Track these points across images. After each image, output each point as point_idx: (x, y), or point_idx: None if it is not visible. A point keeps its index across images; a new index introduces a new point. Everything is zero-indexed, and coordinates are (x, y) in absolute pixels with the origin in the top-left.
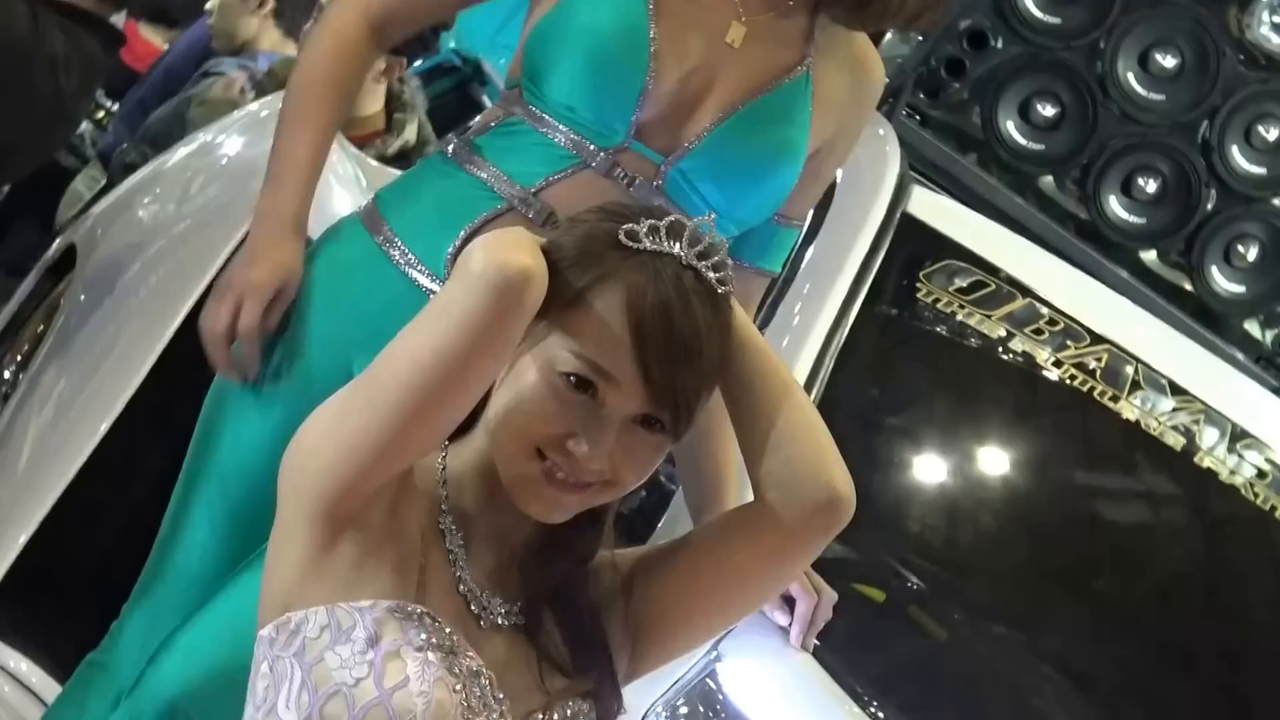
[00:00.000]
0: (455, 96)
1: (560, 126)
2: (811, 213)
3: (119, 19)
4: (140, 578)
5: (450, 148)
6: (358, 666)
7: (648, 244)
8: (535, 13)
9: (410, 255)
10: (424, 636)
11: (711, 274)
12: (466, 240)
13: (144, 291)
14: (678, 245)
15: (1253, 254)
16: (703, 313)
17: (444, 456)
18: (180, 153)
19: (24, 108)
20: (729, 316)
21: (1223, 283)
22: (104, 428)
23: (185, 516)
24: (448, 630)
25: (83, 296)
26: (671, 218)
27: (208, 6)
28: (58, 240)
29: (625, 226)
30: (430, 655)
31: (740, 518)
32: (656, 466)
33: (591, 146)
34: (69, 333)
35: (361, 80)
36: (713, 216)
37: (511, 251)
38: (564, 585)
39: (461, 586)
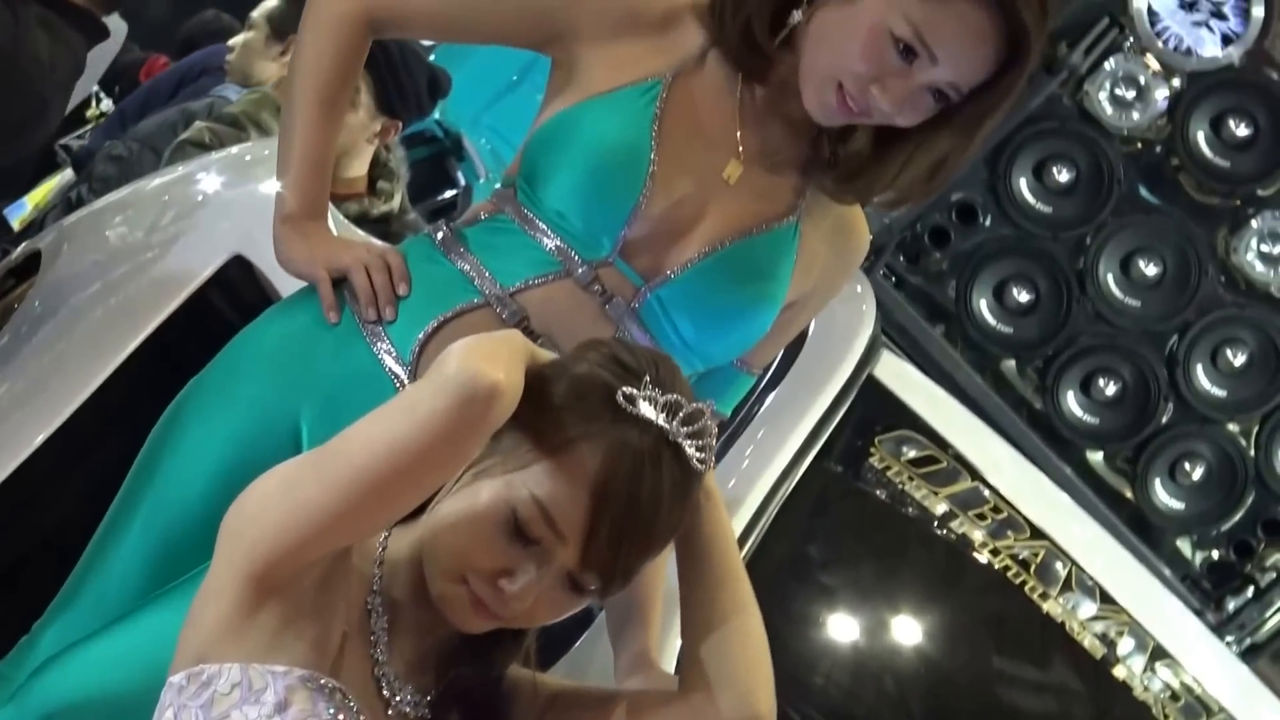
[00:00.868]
0: (429, 166)
1: (549, 232)
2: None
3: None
4: (59, 594)
5: (439, 235)
6: None
7: (642, 410)
8: (545, 111)
9: (380, 332)
10: (331, 711)
11: (695, 453)
12: (438, 328)
13: (100, 313)
14: (668, 420)
15: (1198, 474)
16: (668, 495)
17: (386, 538)
18: (157, 181)
19: (4, 110)
20: (695, 495)
21: (1163, 497)
22: (38, 441)
23: (113, 541)
24: (355, 709)
25: (39, 306)
26: (671, 396)
27: (230, 43)
28: (23, 245)
29: (625, 390)
30: None
31: (665, 704)
32: (571, 613)
33: (575, 256)
34: (20, 339)
35: (360, 67)
36: (712, 405)
37: (487, 363)
38: (475, 690)
39: (377, 670)
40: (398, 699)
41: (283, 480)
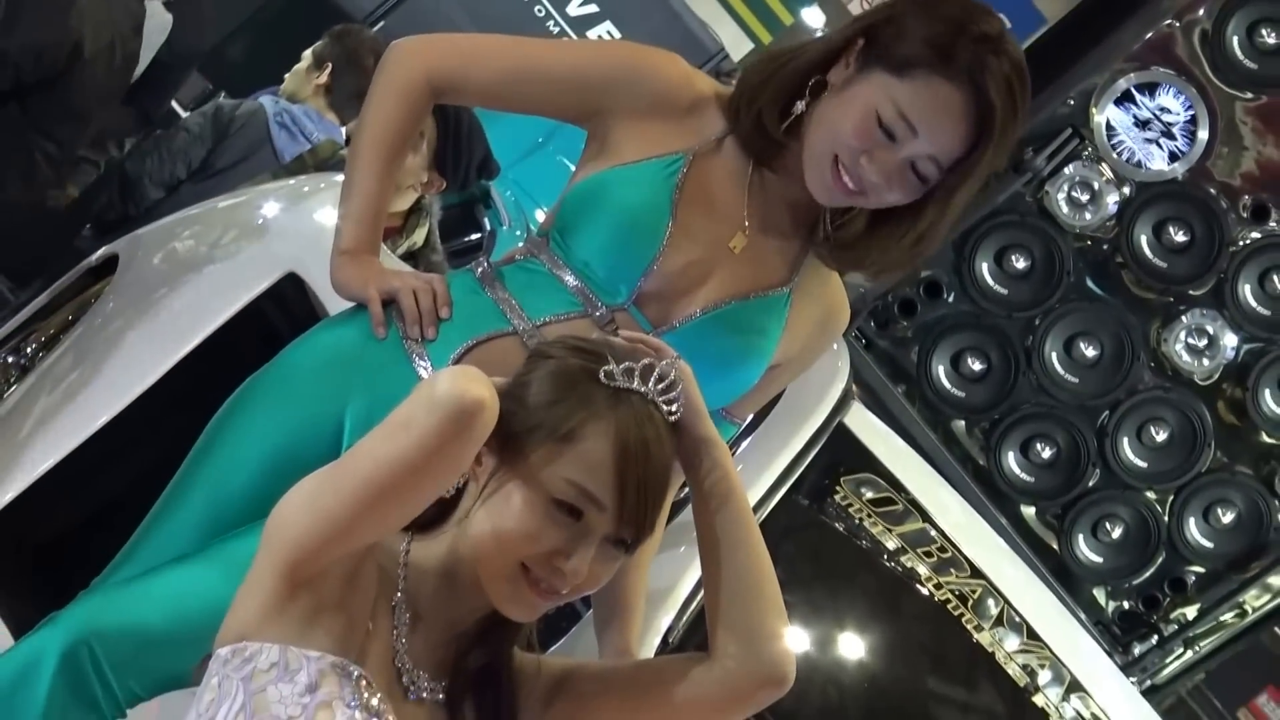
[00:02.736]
0: (459, 211)
1: (574, 277)
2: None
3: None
4: (116, 558)
5: (479, 270)
6: (293, 705)
7: (622, 382)
8: (579, 174)
9: (420, 348)
10: (356, 696)
11: (666, 407)
12: (470, 349)
13: (165, 315)
14: (643, 384)
15: (1117, 533)
16: (666, 444)
17: (408, 542)
18: (224, 203)
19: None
20: (675, 436)
21: (1085, 551)
22: (102, 421)
23: (168, 515)
24: (377, 695)
25: (112, 304)
26: (644, 361)
27: (287, 75)
28: (103, 248)
29: (605, 369)
30: (357, 714)
31: (691, 671)
32: (613, 575)
33: (596, 300)
34: (93, 330)
35: (420, 127)
36: (677, 357)
37: (472, 383)
38: (484, 676)
39: (398, 660)
40: (415, 685)
41: (311, 488)
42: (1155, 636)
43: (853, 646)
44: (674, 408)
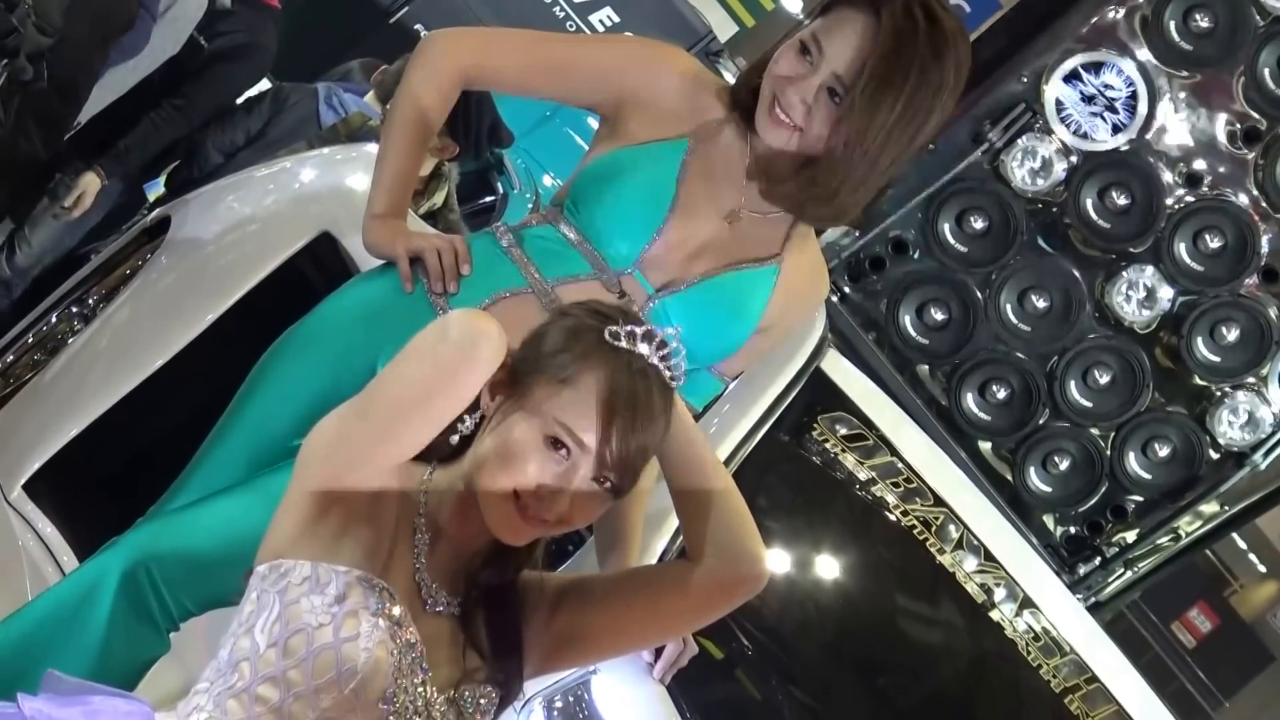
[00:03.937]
0: (475, 176)
1: (585, 243)
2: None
3: None
4: (171, 487)
5: (500, 233)
6: (323, 614)
7: (624, 344)
8: (593, 152)
9: (444, 302)
10: (379, 607)
11: (667, 372)
12: (490, 305)
13: (212, 270)
14: (646, 348)
15: (1064, 465)
16: (656, 403)
17: (431, 471)
18: (264, 170)
19: None
20: (672, 405)
21: (1036, 482)
22: (156, 365)
23: (218, 446)
24: (399, 606)
25: (165, 260)
26: (646, 327)
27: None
28: (157, 210)
29: (610, 328)
30: (380, 622)
31: (677, 573)
32: (600, 515)
33: (604, 263)
34: (148, 284)
35: (450, 110)
36: (679, 329)
37: (481, 319)
38: (495, 591)
39: (418, 575)
40: (433, 599)
41: (339, 417)
42: (1098, 558)
43: (828, 567)
44: (675, 373)
